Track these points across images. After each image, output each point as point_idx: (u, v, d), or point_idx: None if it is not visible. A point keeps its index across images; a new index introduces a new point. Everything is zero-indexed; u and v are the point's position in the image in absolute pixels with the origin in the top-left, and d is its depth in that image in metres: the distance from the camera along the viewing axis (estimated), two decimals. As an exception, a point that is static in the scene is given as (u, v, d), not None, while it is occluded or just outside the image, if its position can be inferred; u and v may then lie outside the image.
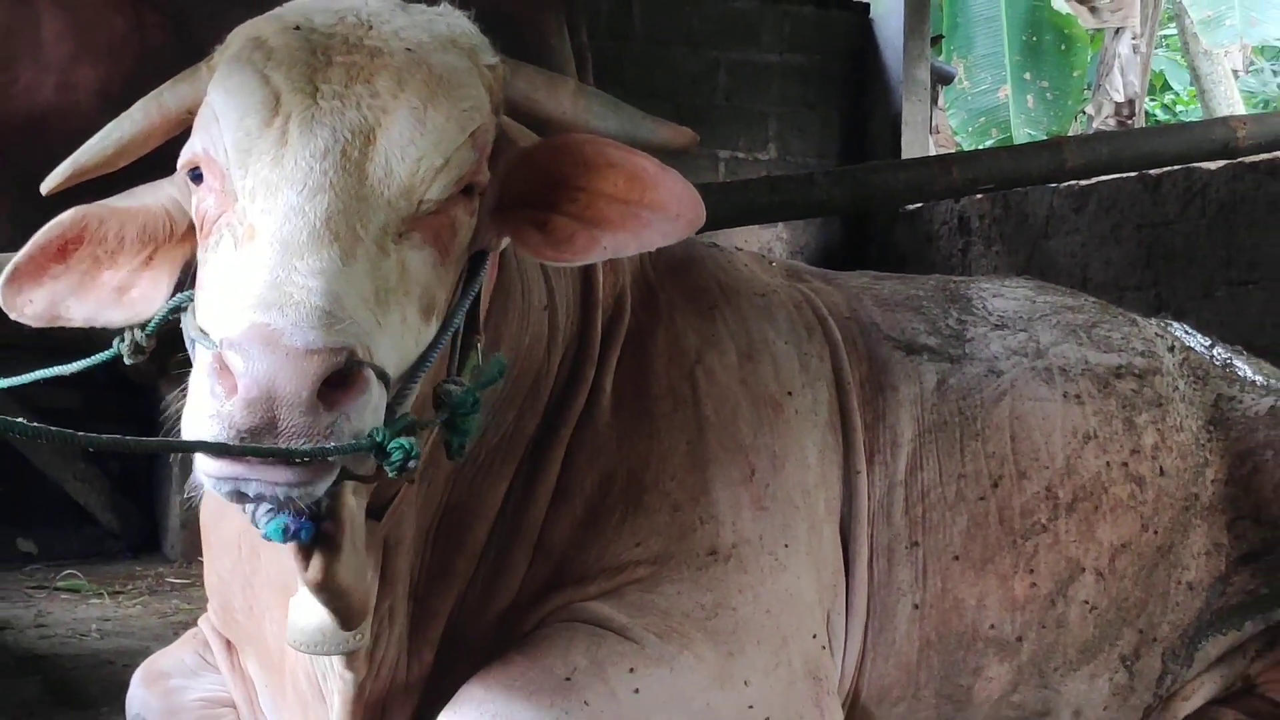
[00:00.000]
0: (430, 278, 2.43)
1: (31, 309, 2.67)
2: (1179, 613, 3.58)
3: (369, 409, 2.18)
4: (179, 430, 2.23)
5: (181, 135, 2.56)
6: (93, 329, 2.70)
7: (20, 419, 2.04)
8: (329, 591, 2.49)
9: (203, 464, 2.19)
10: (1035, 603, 3.45)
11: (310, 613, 2.60)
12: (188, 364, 2.29)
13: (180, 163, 2.51)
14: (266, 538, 2.36)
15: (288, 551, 2.48)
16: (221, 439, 2.12)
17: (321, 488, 2.25)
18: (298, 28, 2.49)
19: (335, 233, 2.27)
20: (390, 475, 2.27)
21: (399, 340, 2.32)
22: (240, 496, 2.22)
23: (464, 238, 2.53)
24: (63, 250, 2.64)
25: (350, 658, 2.75)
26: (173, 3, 6.10)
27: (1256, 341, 4.73)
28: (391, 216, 2.37)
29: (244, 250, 2.30)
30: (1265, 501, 3.61)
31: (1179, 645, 3.57)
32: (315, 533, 2.39)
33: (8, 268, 2.64)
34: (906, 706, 3.39)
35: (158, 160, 2.66)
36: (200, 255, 2.45)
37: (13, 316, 2.67)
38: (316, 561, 2.43)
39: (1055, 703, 3.50)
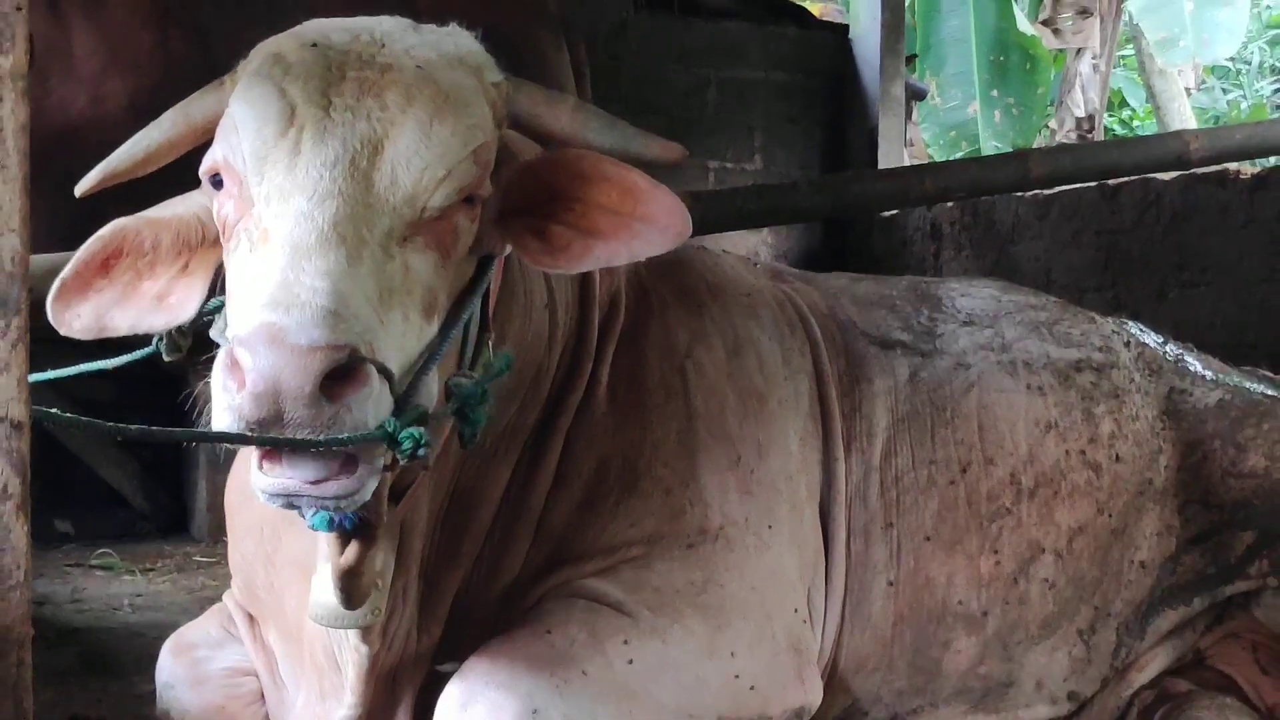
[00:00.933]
0: (432, 279, 2.43)
1: (80, 323, 2.68)
2: (1132, 590, 3.58)
3: (370, 401, 2.19)
4: (204, 419, 2.25)
5: (205, 144, 2.56)
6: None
7: (56, 409, 2.04)
8: (351, 574, 2.51)
9: (256, 480, 2.25)
10: (999, 581, 3.46)
11: (330, 590, 2.61)
12: (212, 360, 2.30)
13: (202, 169, 2.51)
14: (313, 528, 2.39)
15: (325, 539, 2.50)
16: (234, 428, 2.15)
17: (367, 493, 2.30)
18: (315, 45, 2.50)
19: (342, 236, 2.27)
20: (402, 462, 2.29)
21: (401, 337, 2.33)
22: (292, 506, 2.27)
23: (465, 243, 2.53)
24: (105, 265, 2.65)
25: (365, 632, 2.76)
26: (196, 19, 6.08)
27: (1206, 340, 4.73)
28: (396, 222, 2.37)
29: (259, 253, 2.31)
30: (1213, 487, 3.61)
31: (1132, 620, 3.58)
32: (356, 523, 2.41)
33: (54, 285, 2.64)
34: (881, 677, 3.40)
35: (186, 167, 2.66)
36: (226, 260, 2.46)
37: (62, 331, 2.67)
38: (353, 549, 2.48)
39: (1018, 674, 3.50)
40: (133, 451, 7.60)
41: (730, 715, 3.04)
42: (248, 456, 2.36)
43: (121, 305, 2.66)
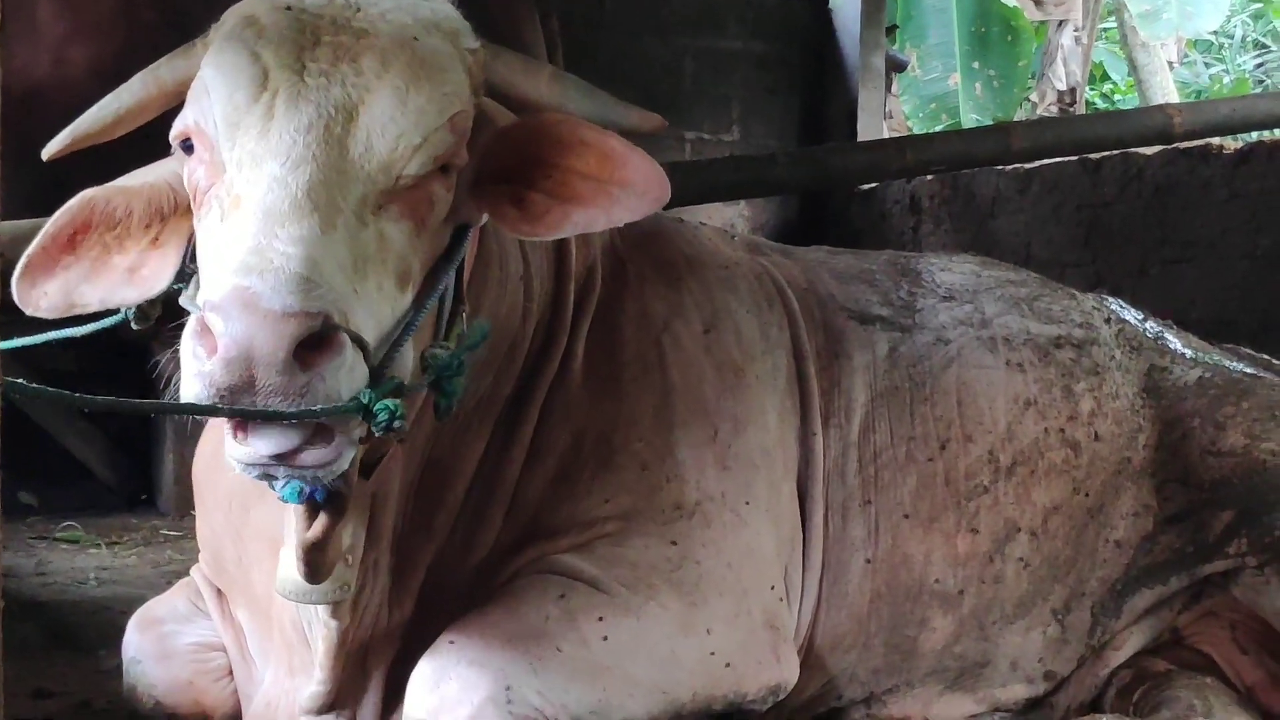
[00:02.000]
0: (406, 249, 2.42)
1: (47, 301, 2.65)
2: (1107, 569, 3.59)
3: (343, 371, 2.19)
4: (171, 390, 2.23)
5: (176, 109, 2.55)
6: None
7: (21, 380, 2.03)
8: (317, 548, 2.50)
9: (231, 450, 2.24)
10: (976, 559, 3.47)
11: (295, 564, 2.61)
12: (180, 329, 2.28)
13: (173, 134, 2.50)
14: (284, 499, 2.38)
15: (293, 510, 2.49)
16: (203, 396, 2.13)
17: (345, 462, 2.29)
18: (289, 8, 2.48)
19: (316, 203, 2.26)
20: (377, 435, 2.28)
21: (375, 307, 2.32)
22: (267, 477, 2.26)
23: (440, 212, 2.52)
24: (72, 240, 2.62)
25: (336, 607, 2.76)
26: (162, -18, 6.04)
27: (1187, 316, 4.75)
28: (370, 190, 2.37)
29: (230, 219, 2.29)
30: (1192, 466, 3.62)
31: (1107, 599, 3.59)
32: (327, 494, 2.40)
33: (19, 264, 2.62)
34: (857, 655, 3.41)
35: (155, 136, 2.64)
36: (195, 225, 2.44)
37: (29, 311, 2.65)
38: (320, 522, 2.46)
39: (993, 654, 3.51)
40: (98, 423, 7.57)
41: (705, 692, 3.05)
42: (217, 428, 2.35)
43: (90, 280, 2.63)
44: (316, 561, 2.54)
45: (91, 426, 7.55)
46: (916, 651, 3.45)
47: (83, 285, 2.63)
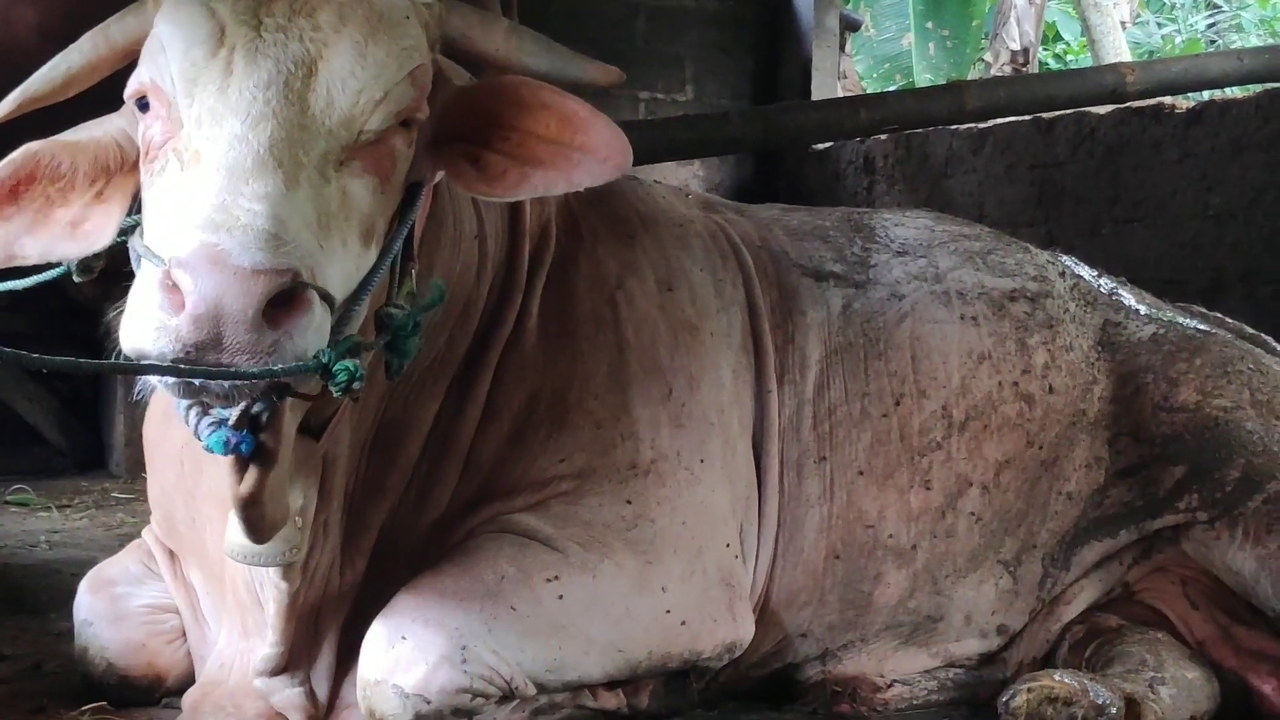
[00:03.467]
0: (370, 205, 2.41)
1: None
2: (1057, 521, 3.62)
3: (311, 329, 2.17)
4: (119, 352, 2.21)
5: (128, 68, 2.51)
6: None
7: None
8: (252, 505, 2.46)
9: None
10: (928, 514, 3.49)
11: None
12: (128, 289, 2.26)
13: (127, 92, 2.48)
14: (208, 449, 2.35)
15: (225, 465, 2.47)
16: (169, 352, 2.11)
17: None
18: (241, -38, 2.45)
19: (279, 159, 2.25)
20: (336, 395, 2.27)
21: (341, 264, 2.31)
22: (191, 390, 2.20)
23: (403, 168, 2.51)
24: (14, 191, 2.58)
25: (286, 569, 2.75)
26: (110, -60, 5.97)
27: (1139, 275, 4.77)
28: (332, 145, 2.35)
29: (190, 173, 2.27)
30: (1145, 421, 3.65)
31: (1057, 551, 3.62)
32: (255, 446, 2.37)
33: None
34: (813, 611, 3.43)
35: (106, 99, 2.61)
36: (145, 179, 2.42)
37: None
38: (250, 475, 2.42)
39: (947, 608, 3.54)
40: (49, 386, 7.52)
41: (661, 650, 3.06)
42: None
43: (32, 233, 2.59)
44: (255, 519, 2.48)
45: (41, 389, 7.50)
46: (871, 607, 3.47)
47: (24, 238, 2.59)
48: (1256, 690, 3.47)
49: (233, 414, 2.33)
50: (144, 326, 2.13)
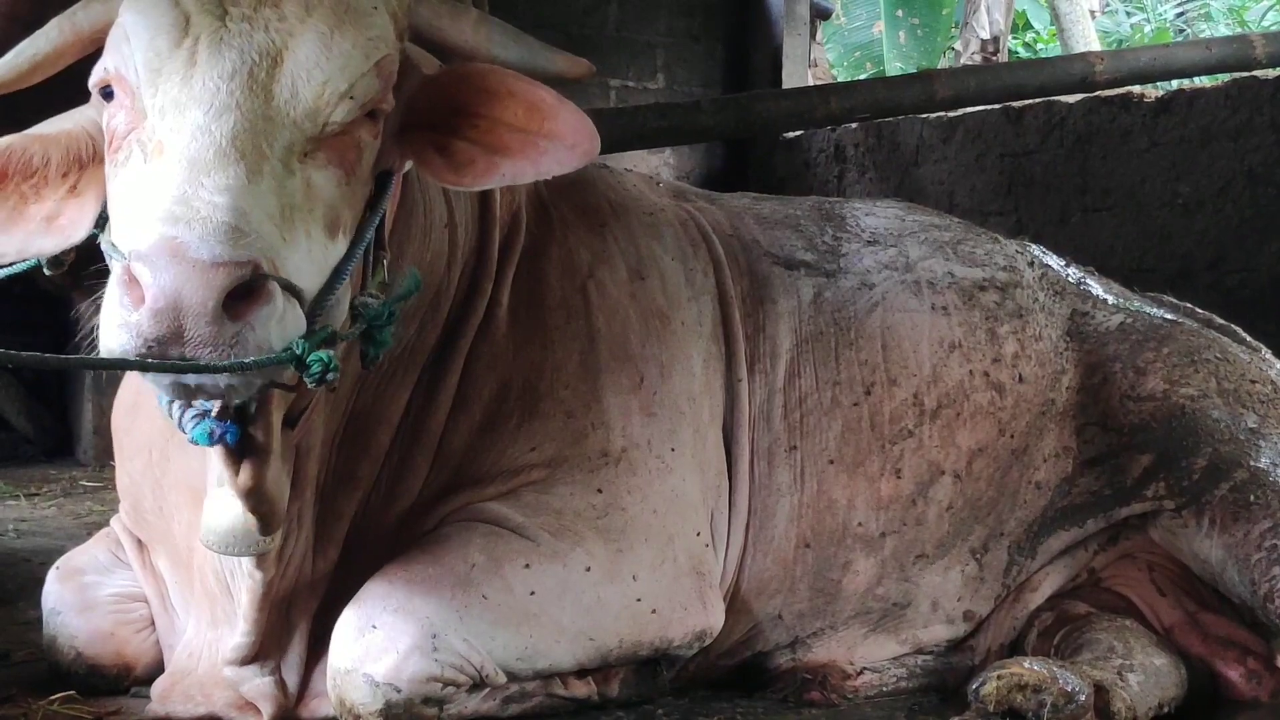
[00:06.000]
0: (335, 196, 2.40)
1: None
2: (1026, 510, 3.64)
3: (274, 320, 2.17)
4: (93, 341, 2.20)
5: (94, 56, 2.50)
6: None
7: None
8: (257, 497, 2.49)
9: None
10: (898, 502, 3.50)
11: (224, 515, 2.59)
12: (101, 277, 2.25)
13: (92, 81, 2.46)
14: (193, 441, 2.35)
15: (217, 458, 2.48)
16: (130, 347, 2.11)
17: (253, 388, 2.26)
18: (207, -49, 2.43)
19: (241, 151, 2.24)
20: (310, 386, 2.26)
21: (307, 255, 2.30)
22: (177, 388, 2.20)
23: (369, 159, 2.50)
24: None
25: (260, 558, 2.75)
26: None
27: (1107, 264, 4.81)
28: (297, 136, 2.35)
29: (152, 164, 2.26)
30: (1112, 410, 3.67)
31: (1024, 539, 3.64)
32: (240, 437, 2.38)
33: None
34: (783, 599, 3.44)
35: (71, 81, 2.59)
36: (109, 170, 2.40)
37: None
38: (247, 468, 2.44)
39: (914, 594, 3.55)
40: (15, 374, 7.49)
41: (632, 638, 3.07)
42: (136, 375, 2.31)
43: (7, 230, 2.57)
44: (265, 513, 2.53)
45: (8, 377, 7.48)
46: (840, 594, 3.49)
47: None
48: (1223, 676, 3.49)
49: (214, 405, 2.32)
50: (108, 323, 2.14)
